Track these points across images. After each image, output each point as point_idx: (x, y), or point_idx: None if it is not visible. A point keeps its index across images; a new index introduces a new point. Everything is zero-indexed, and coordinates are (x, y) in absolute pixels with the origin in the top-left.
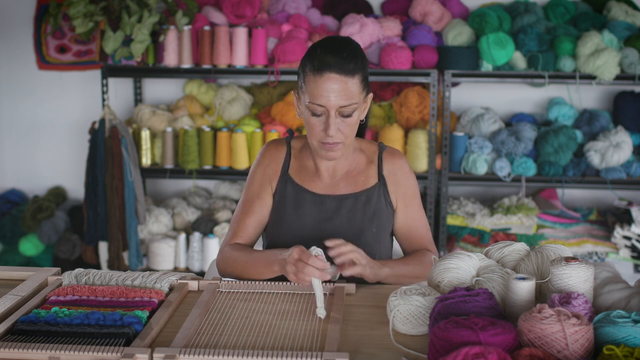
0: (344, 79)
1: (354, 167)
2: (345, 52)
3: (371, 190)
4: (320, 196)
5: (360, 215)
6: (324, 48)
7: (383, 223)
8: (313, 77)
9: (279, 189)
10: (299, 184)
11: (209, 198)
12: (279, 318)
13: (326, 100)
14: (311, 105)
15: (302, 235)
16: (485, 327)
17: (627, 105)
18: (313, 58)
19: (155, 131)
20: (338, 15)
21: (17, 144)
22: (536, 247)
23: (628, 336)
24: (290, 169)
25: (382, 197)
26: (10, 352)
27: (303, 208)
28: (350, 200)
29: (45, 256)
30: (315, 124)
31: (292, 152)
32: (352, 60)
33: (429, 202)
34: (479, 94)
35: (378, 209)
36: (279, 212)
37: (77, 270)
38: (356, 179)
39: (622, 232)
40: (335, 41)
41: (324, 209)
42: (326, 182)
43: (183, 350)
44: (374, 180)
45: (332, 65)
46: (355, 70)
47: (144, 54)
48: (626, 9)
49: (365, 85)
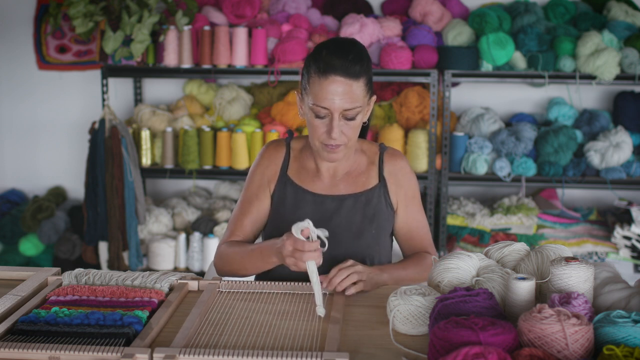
0: (349, 82)
1: (355, 168)
2: (351, 55)
3: (371, 192)
4: (320, 196)
5: (360, 216)
6: (330, 50)
7: (383, 224)
8: (318, 79)
9: (277, 190)
10: (299, 185)
11: (209, 198)
12: (279, 318)
13: (330, 103)
14: (315, 107)
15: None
16: (485, 327)
17: (627, 105)
18: (318, 59)
19: (155, 131)
20: (338, 15)
21: (17, 144)
22: (536, 247)
23: (628, 336)
24: (289, 170)
25: (382, 198)
26: (10, 352)
27: (302, 208)
28: (350, 201)
29: (45, 256)
30: (318, 126)
31: (291, 153)
32: (357, 63)
33: (429, 202)
34: (479, 94)
35: (378, 210)
36: (278, 213)
37: (77, 270)
38: (357, 179)
39: (622, 232)
40: (341, 43)
41: (324, 209)
42: (326, 182)
43: (183, 350)
44: (375, 181)
45: (337, 68)
46: (361, 73)
47: (144, 54)
48: (626, 9)
49: (369, 88)
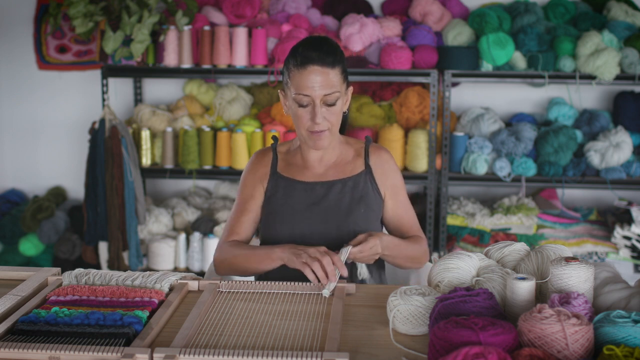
0: (326, 70)
1: (342, 159)
2: (325, 47)
3: (358, 176)
4: (310, 184)
5: (348, 198)
6: (305, 46)
7: (372, 206)
8: (298, 72)
9: (270, 186)
10: (289, 177)
11: (209, 198)
12: (279, 318)
13: (311, 91)
14: (297, 97)
15: (293, 219)
16: (485, 327)
17: (627, 105)
18: (296, 55)
19: (155, 131)
20: (338, 15)
21: (17, 144)
22: (536, 247)
23: (628, 336)
24: (278, 168)
25: (368, 183)
26: (10, 352)
27: (293, 197)
28: (338, 185)
29: (45, 256)
30: (303, 115)
31: (278, 155)
32: (331, 54)
33: (429, 202)
34: (479, 94)
35: (365, 193)
36: (272, 204)
37: (77, 270)
38: (344, 167)
39: (622, 232)
40: (315, 39)
41: (314, 195)
42: (315, 172)
43: (183, 351)
44: (361, 168)
45: (314, 58)
46: (335, 62)
47: (144, 54)
48: (626, 9)
49: (345, 78)
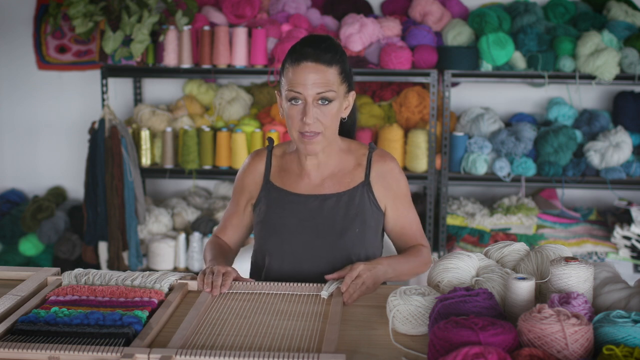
0: (321, 67)
1: (340, 169)
2: (323, 45)
3: (354, 190)
4: (302, 196)
5: (341, 215)
6: (303, 42)
7: (368, 222)
8: (292, 68)
9: (261, 197)
10: (282, 188)
11: (209, 198)
12: (277, 318)
13: (303, 88)
14: (289, 93)
15: (286, 236)
16: (485, 327)
17: (627, 105)
18: (292, 53)
19: (155, 131)
20: (338, 15)
21: (17, 144)
22: (536, 247)
23: (628, 336)
24: (271, 176)
25: (365, 196)
26: (10, 352)
27: (286, 210)
28: (333, 200)
29: (45, 256)
30: (294, 114)
31: (273, 159)
32: (329, 52)
33: (429, 202)
34: (479, 94)
35: (361, 209)
36: (264, 216)
37: (76, 270)
38: (342, 180)
39: (622, 232)
40: (315, 36)
41: (307, 209)
42: (310, 182)
43: (179, 351)
44: (360, 180)
45: (309, 55)
46: (332, 61)
47: (143, 54)
48: (626, 9)
49: (345, 79)
